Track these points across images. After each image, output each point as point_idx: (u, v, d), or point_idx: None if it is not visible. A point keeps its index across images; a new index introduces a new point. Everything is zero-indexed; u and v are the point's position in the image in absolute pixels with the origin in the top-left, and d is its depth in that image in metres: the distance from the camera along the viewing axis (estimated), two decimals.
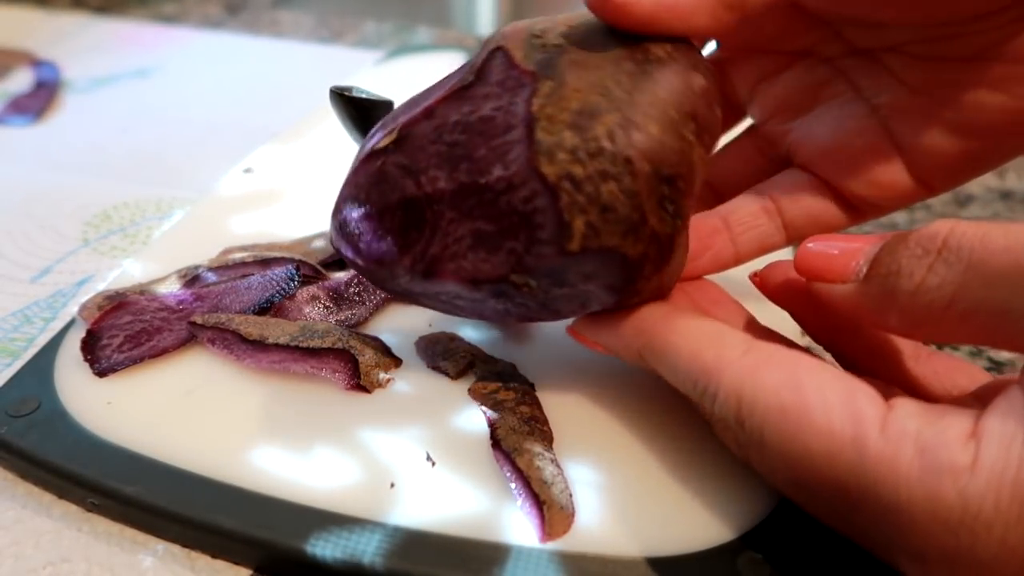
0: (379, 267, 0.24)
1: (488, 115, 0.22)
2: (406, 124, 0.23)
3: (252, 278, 0.31)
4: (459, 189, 0.22)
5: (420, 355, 0.29)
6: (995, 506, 0.16)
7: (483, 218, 0.22)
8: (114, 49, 0.59)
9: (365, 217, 0.24)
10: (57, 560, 0.24)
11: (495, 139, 0.21)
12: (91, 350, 0.28)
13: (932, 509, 0.17)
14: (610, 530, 0.23)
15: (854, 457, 0.18)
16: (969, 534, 0.17)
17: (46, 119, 0.49)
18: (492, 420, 0.26)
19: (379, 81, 0.51)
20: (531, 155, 0.21)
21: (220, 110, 0.50)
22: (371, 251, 0.24)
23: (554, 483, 0.24)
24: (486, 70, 0.22)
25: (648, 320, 0.23)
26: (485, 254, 0.22)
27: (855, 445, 0.18)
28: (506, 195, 0.21)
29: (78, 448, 0.25)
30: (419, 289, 0.24)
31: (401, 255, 0.23)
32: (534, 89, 0.21)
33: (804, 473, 0.19)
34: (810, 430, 0.19)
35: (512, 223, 0.21)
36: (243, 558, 0.24)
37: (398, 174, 0.23)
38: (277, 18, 0.64)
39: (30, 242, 0.38)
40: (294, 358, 0.28)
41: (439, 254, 0.22)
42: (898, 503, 0.17)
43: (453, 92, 0.23)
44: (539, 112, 0.21)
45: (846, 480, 0.18)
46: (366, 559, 0.22)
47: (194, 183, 0.43)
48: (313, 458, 0.25)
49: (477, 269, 0.22)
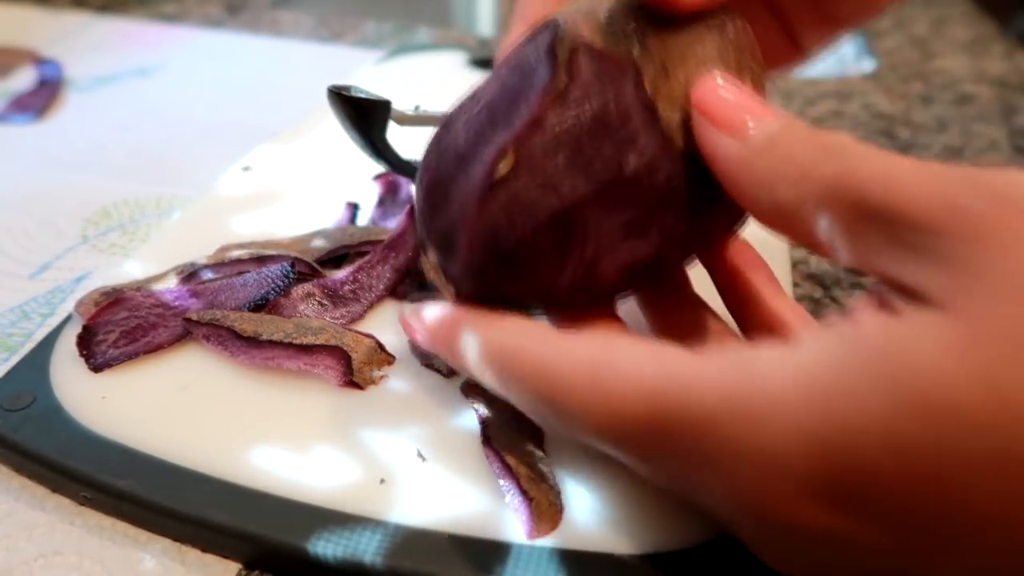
0: (540, 286, 0.23)
1: (599, 111, 0.22)
2: (516, 145, 0.22)
3: (247, 275, 0.31)
4: (601, 188, 0.21)
5: (414, 353, 0.29)
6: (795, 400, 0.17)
7: (630, 207, 0.22)
8: (116, 48, 0.59)
9: (517, 247, 0.22)
10: (49, 553, 0.24)
11: (617, 132, 0.21)
12: (87, 345, 0.29)
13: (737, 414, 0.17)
14: (602, 527, 0.23)
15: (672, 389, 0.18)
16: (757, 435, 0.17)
17: (48, 117, 0.49)
18: (483, 417, 0.26)
19: (379, 81, 0.51)
20: (661, 137, 0.21)
21: (220, 109, 0.50)
22: (533, 276, 0.23)
23: (543, 480, 0.24)
24: (574, 68, 0.22)
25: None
26: (636, 239, 0.22)
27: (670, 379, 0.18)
28: (648, 180, 0.21)
29: (72, 443, 0.26)
30: (580, 296, 0.23)
31: (562, 269, 0.23)
32: (638, 74, 0.22)
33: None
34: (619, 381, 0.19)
35: (659, 203, 0.22)
36: (234, 553, 0.24)
37: (537, 194, 0.22)
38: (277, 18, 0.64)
39: (29, 239, 0.38)
40: (288, 355, 0.28)
41: (595, 256, 0.22)
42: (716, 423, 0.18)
43: (553, 98, 0.22)
44: (654, 95, 0.21)
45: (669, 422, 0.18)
46: (358, 555, 0.22)
47: (194, 181, 0.43)
48: (306, 454, 0.25)
49: (633, 256, 0.22)
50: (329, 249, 0.34)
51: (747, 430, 0.17)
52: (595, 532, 0.23)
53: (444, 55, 0.54)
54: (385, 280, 0.32)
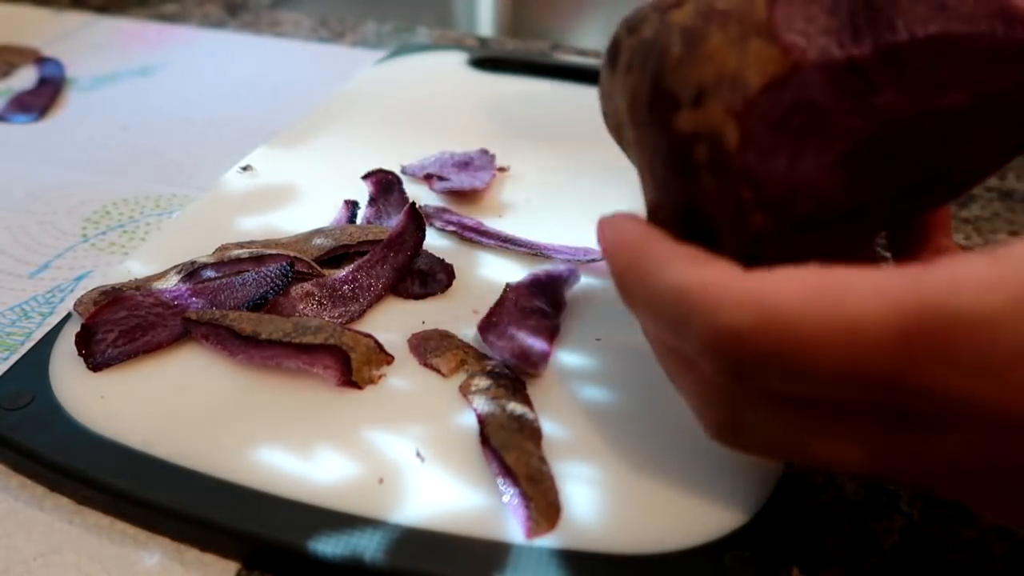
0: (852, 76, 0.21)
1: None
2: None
3: (247, 274, 0.31)
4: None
5: (412, 352, 0.29)
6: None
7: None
8: (118, 47, 0.59)
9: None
10: (48, 552, 0.24)
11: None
12: (86, 345, 0.29)
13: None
14: (601, 527, 0.23)
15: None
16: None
17: (49, 116, 0.49)
18: (482, 417, 0.26)
19: (379, 81, 0.51)
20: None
21: (220, 109, 0.50)
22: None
23: (541, 480, 0.24)
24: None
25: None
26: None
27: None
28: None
29: (71, 442, 0.26)
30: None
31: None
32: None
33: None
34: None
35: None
36: (232, 552, 0.24)
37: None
38: (277, 18, 0.64)
39: (29, 238, 0.38)
40: (287, 354, 0.28)
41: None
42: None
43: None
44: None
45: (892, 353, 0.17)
46: (357, 555, 0.22)
47: (194, 181, 0.43)
48: (304, 454, 0.25)
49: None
50: (328, 248, 0.34)
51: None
52: (594, 532, 0.23)
53: (444, 55, 0.53)
54: (384, 279, 0.32)
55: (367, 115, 0.47)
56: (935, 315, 0.17)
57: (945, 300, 0.17)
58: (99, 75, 0.55)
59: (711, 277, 0.19)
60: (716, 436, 0.22)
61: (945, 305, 0.17)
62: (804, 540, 0.24)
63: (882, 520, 0.25)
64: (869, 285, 0.17)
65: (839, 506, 0.25)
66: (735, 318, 0.18)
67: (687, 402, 0.22)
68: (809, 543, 0.24)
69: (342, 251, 0.34)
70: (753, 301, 0.18)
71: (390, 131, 0.45)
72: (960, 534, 0.24)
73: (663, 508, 0.24)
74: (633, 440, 0.26)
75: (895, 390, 0.17)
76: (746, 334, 0.18)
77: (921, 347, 0.17)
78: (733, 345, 0.18)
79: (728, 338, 0.18)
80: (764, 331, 0.18)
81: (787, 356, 0.18)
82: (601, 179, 0.40)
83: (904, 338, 0.17)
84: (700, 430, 0.24)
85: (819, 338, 0.17)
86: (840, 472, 0.25)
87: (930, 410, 0.18)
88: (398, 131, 0.45)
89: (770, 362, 0.18)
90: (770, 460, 0.24)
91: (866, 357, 0.17)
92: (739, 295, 0.18)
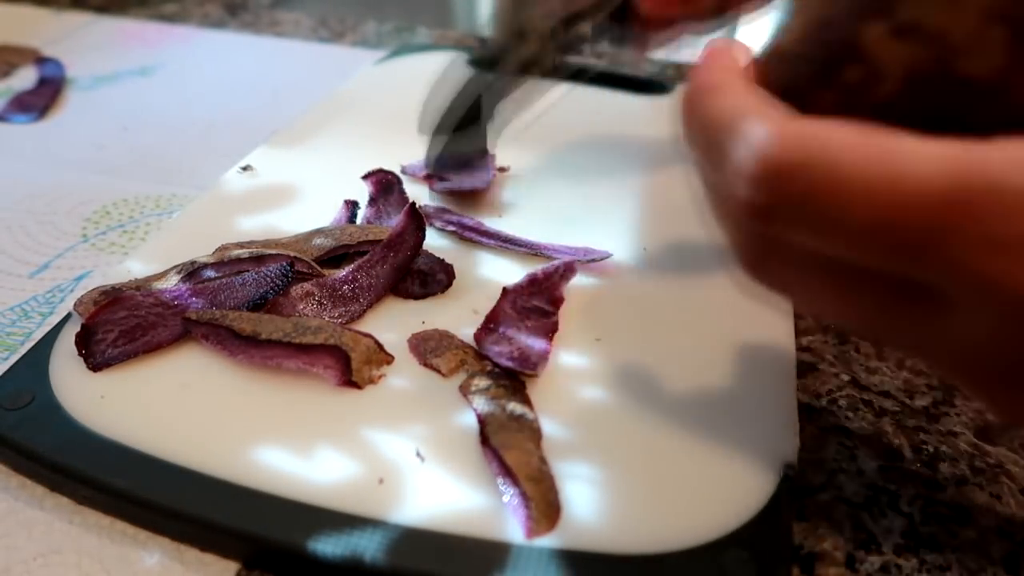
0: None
1: None
2: None
3: (247, 274, 0.31)
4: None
5: (412, 352, 0.29)
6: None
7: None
8: (118, 47, 0.59)
9: None
10: (48, 551, 0.24)
11: None
12: (86, 345, 0.29)
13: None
14: (601, 527, 0.23)
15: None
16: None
17: (49, 116, 0.49)
18: (482, 417, 0.26)
19: (379, 81, 0.51)
20: None
21: (220, 109, 0.50)
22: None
23: (541, 480, 0.24)
24: None
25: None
26: None
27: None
28: None
29: (71, 442, 0.26)
30: None
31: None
32: None
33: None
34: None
35: None
36: (232, 552, 0.24)
37: None
38: (277, 18, 0.64)
39: (29, 238, 0.38)
40: (287, 354, 0.28)
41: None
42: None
43: None
44: None
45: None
46: (357, 555, 0.22)
47: (193, 181, 0.43)
48: (304, 454, 0.25)
49: None
50: (328, 248, 0.34)
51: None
52: (594, 532, 0.23)
53: (444, 55, 0.53)
54: (384, 279, 0.32)
55: (367, 115, 0.47)
56: (984, 186, 0.16)
57: (996, 172, 0.16)
58: (99, 75, 0.55)
59: (770, 111, 0.19)
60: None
61: (996, 177, 0.16)
62: (804, 540, 0.24)
63: (882, 520, 0.25)
64: (923, 145, 0.17)
65: (839, 506, 0.25)
66: (781, 154, 0.18)
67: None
68: (809, 543, 0.24)
69: (342, 251, 0.34)
70: (803, 138, 0.18)
71: (390, 131, 0.45)
72: (960, 534, 0.24)
73: (663, 508, 0.24)
74: (633, 440, 0.26)
75: (922, 257, 0.17)
76: (786, 171, 0.18)
77: (962, 214, 0.16)
78: (772, 179, 0.18)
79: (769, 172, 0.18)
80: (807, 168, 0.18)
81: (824, 199, 0.18)
82: (601, 179, 0.40)
83: (947, 203, 0.17)
84: (700, 430, 0.24)
85: (861, 183, 0.17)
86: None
87: (950, 284, 0.17)
88: (398, 131, 0.45)
89: (806, 203, 0.18)
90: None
91: (904, 213, 0.17)
92: (792, 130, 0.18)
